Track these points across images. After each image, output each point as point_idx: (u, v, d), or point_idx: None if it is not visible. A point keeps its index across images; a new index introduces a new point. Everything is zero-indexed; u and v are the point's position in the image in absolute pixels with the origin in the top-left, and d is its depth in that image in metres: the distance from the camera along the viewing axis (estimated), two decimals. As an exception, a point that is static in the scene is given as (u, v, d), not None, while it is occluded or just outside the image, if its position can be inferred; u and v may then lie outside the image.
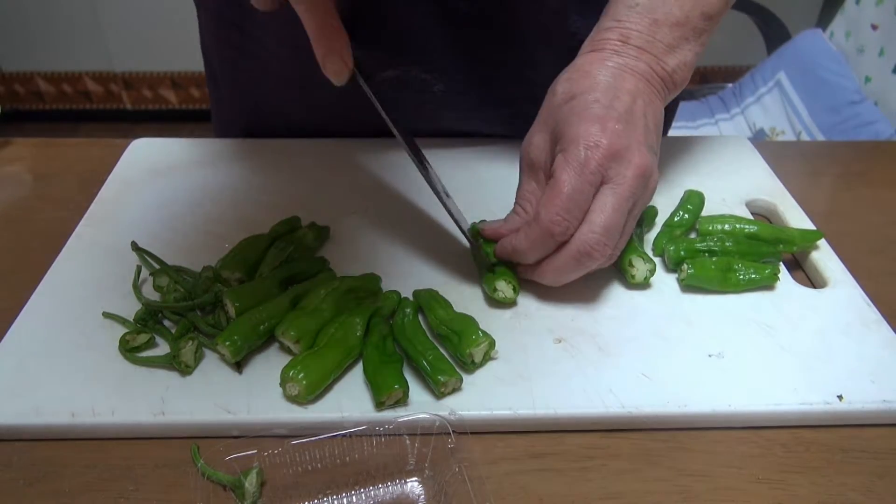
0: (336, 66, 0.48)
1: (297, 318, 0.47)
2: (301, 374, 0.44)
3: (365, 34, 0.61)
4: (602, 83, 0.49)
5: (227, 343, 0.46)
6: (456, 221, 0.54)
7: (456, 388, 0.45)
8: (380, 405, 0.44)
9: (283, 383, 0.44)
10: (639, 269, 0.53)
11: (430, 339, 0.48)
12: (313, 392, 0.44)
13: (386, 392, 0.43)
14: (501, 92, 0.66)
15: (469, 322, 0.48)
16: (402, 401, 0.44)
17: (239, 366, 0.47)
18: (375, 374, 0.45)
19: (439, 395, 0.45)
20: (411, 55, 0.63)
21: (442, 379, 0.44)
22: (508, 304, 0.52)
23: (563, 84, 0.51)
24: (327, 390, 0.45)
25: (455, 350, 0.47)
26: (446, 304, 0.50)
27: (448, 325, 0.48)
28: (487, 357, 0.47)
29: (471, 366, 0.46)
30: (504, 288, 0.51)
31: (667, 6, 0.51)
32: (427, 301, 0.51)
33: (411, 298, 0.52)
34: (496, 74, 0.64)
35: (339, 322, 0.48)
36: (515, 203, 0.53)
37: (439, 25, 0.60)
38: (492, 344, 0.47)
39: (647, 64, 0.51)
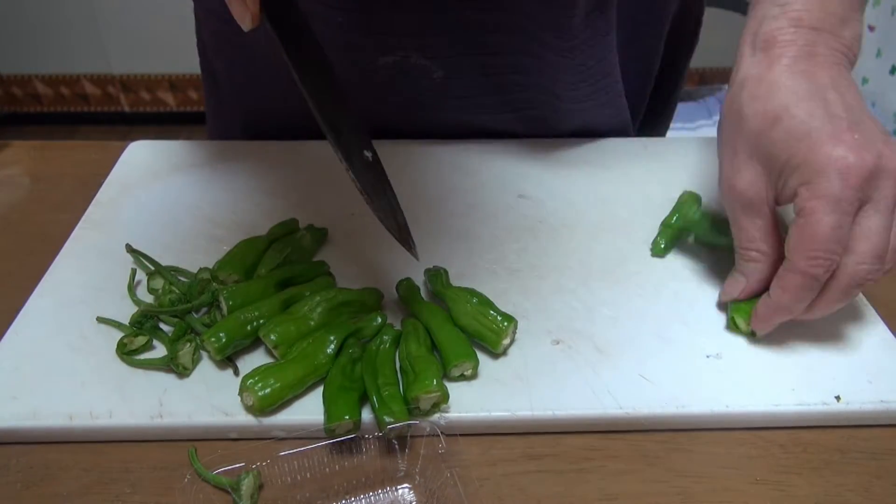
0: (237, 9, 0.44)
1: (281, 323, 0.46)
2: (258, 386, 0.42)
3: (364, 21, 0.61)
4: (800, 90, 0.44)
5: (213, 339, 0.45)
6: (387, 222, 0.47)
7: (402, 434, 0.42)
8: (329, 431, 0.42)
9: (240, 392, 0.43)
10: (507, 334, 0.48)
11: (396, 374, 0.46)
12: (268, 405, 0.43)
13: (335, 420, 0.41)
14: (501, 79, 0.66)
15: (432, 368, 0.44)
16: (352, 431, 0.42)
17: (236, 368, 0.47)
18: (331, 399, 0.43)
19: (384, 434, 0.42)
20: (411, 41, 0.62)
21: (387, 419, 0.41)
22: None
23: (749, 104, 0.46)
24: (286, 405, 0.44)
25: (406, 388, 0.44)
26: (425, 339, 0.47)
27: (411, 362, 0.45)
28: (436, 409, 0.44)
29: (415, 411, 0.43)
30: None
31: None
32: (407, 331, 0.48)
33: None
34: (495, 61, 0.64)
35: (314, 337, 0.46)
36: (743, 250, 0.48)
37: (439, 10, 0.60)
38: (445, 397, 0.43)
39: (826, 44, 0.46)
